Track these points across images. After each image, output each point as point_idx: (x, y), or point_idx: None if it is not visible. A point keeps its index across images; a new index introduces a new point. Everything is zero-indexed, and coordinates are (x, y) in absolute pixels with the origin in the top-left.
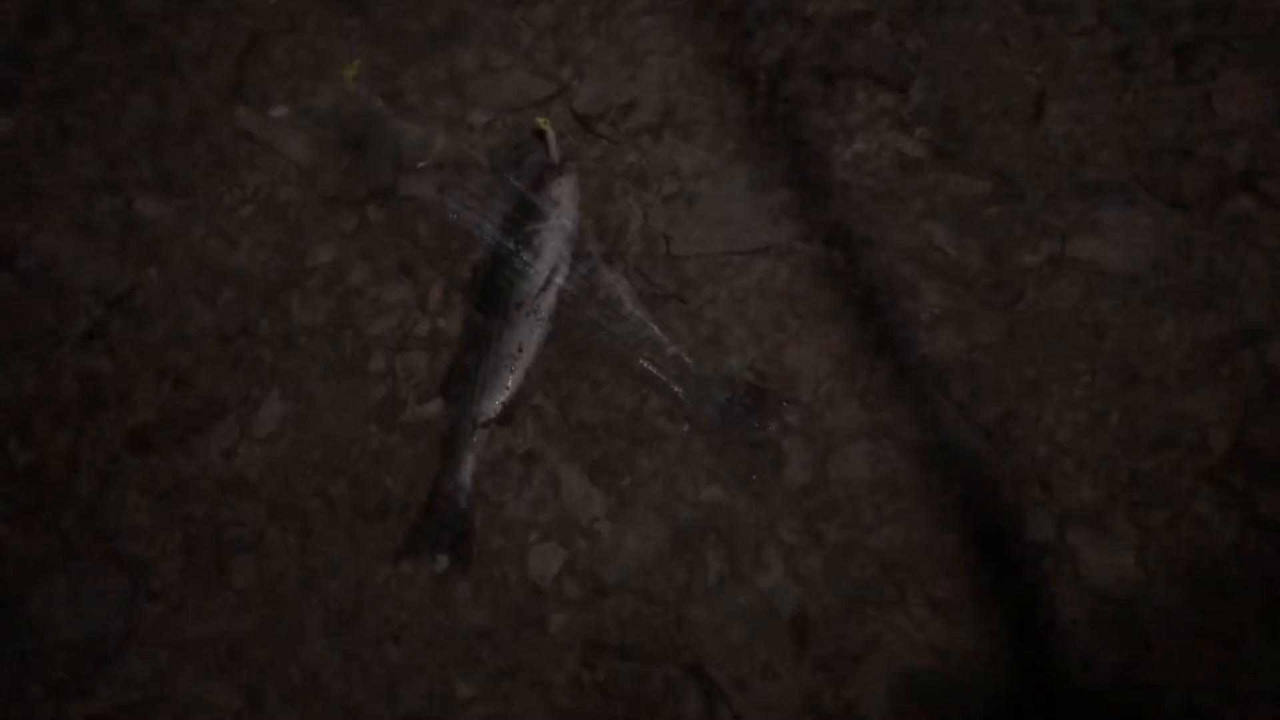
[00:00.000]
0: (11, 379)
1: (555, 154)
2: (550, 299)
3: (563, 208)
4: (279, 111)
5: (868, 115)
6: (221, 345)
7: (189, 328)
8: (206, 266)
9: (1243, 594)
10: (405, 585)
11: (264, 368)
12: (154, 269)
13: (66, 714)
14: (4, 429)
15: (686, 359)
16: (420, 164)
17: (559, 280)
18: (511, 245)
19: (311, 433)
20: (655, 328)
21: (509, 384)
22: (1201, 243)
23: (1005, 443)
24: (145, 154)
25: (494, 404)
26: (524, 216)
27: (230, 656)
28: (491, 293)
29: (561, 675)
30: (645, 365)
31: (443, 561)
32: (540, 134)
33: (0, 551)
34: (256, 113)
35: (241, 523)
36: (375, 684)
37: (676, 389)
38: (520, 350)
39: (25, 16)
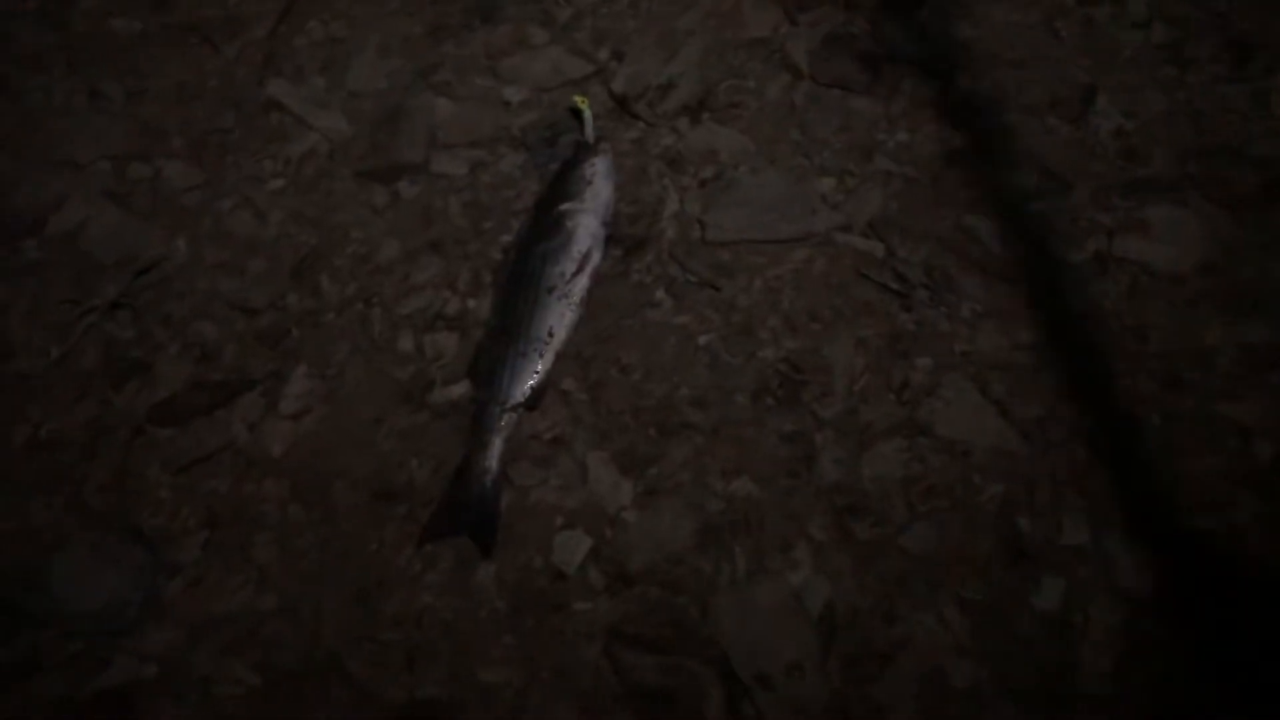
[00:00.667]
0: (36, 347)
1: (591, 133)
2: (583, 283)
3: (596, 189)
4: (312, 83)
5: (912, 104)
6: (248, 319)
7: (216, 300)
8: (235, 238)
9: None
10: (428, 567)
11: (291, 343)
12: (182, 239)
13: (83, 686)
14: (27, 397)
15: None
16: (453, 141)
17: (592, 264)
18: (544, 227)
19: (337, 410)
20: None
21: (538, 368)
22: (1252, 245)
23: (1043, 444)
24: (175, 123)
25: (523, 388)
26: (557, 197)
27: (249, 634)
28: (522, 275)
29: (583, 664)
30: None
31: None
32: (577, 112)
33: (21, 521)
34: (289, 84)
35: (264, 499)
36: (395, 667)
37: None
38: (550, 334)
39: None
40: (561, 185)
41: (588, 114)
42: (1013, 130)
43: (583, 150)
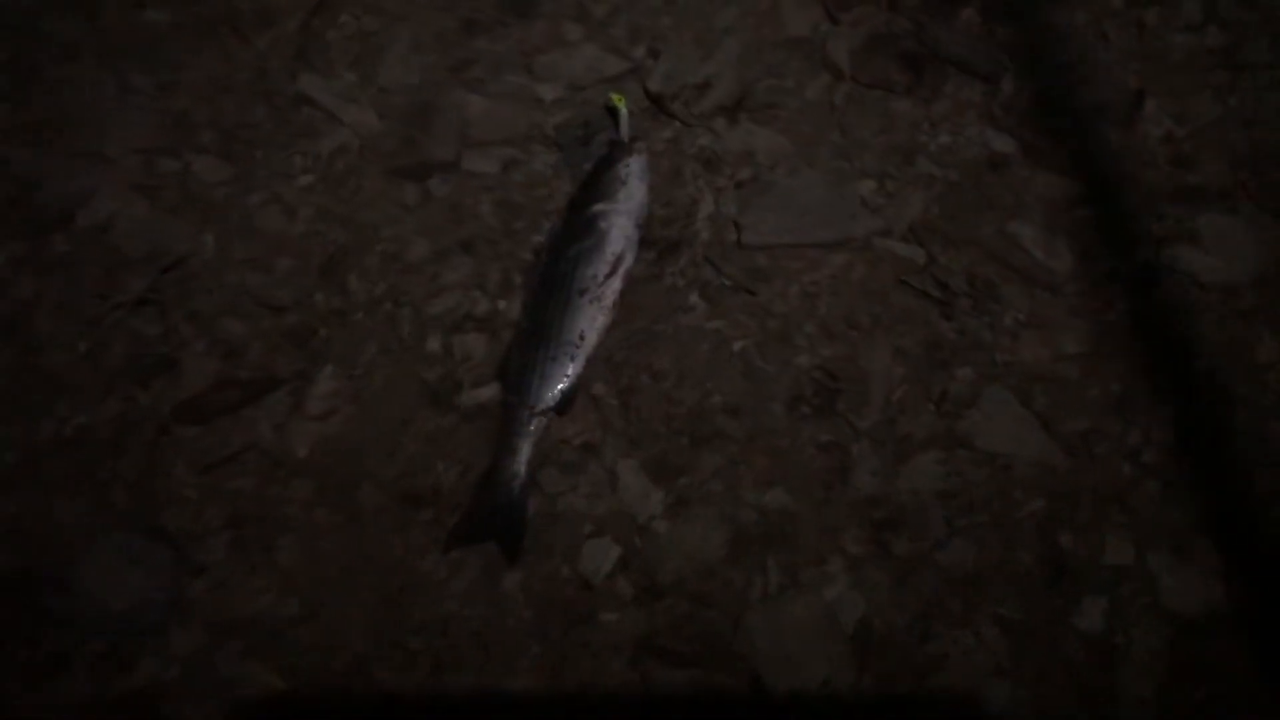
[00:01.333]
0: (64, 342)
1: (626, 131)
2: (615, 285)
3: (630, 190)
4: (344, 78)
5: (955, 106)
6: (276, 317)
7: (243, 297)
8: (264, 235)
9: None
10: (454, 574)
11: (318, 342)
12: (210, 235)
13: (106, 687)
14: (54, 393)
15: None
16: (485, 139)
17: (625, 266)
18: (576, 227)
19: (364, 412)
20: None
21: (569, 372)
22: None
23: (1087, 459)
24: (205, 116)
25: (552, 392)
26: (590, 197)
27: (273, 637)
28: (554, 276)
29: (610, 676)
30: None
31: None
32: (612, 110)
33: (47, 519)
34: (320, 78)
35: (290, 500)
36: (420, 674)
37: None
38: (582, 338)
39: None
40: (595, 185)
41: (624, 112)
42: (1059, 135)
43: (617, 149)
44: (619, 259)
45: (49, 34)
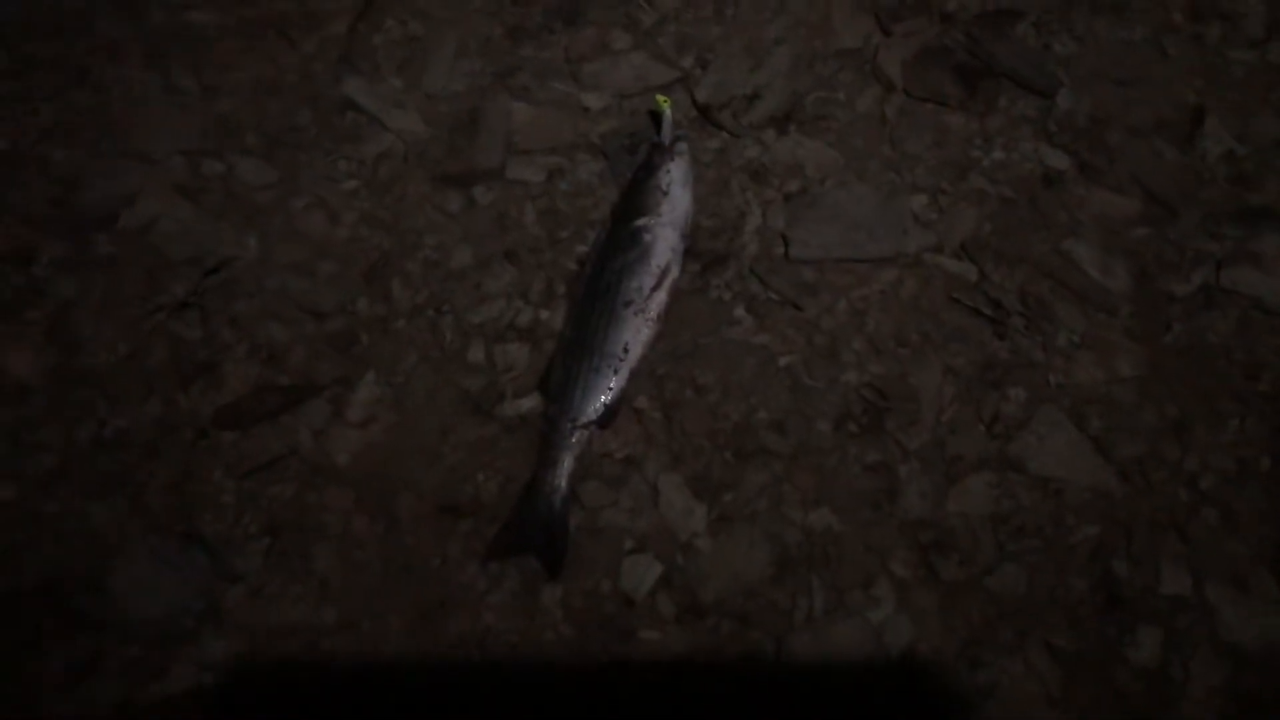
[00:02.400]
0: (105, 343)
1: (669, 134)
2: (660, 298)
3: (674, 200)
4: (389, 83)
5: (1009, 121)
6: (318, 323)
7: (285, 302)
8: (307, 239)
9: None
10: (493, 586)
11: (360, 349)
12: (253, 238)
13: (139, 693)
14: (93, 394)
15: None
16: (531, 147)
17: (670, 278)
18: (621, 239)
19: (405, 420)
20: None
21: (612, 385)
22: None
23: (1143, 485)
24: (251, 119)
25: (595, 405)
26: (634, 209)
27: (309, 647)
28: (598, 288)
29: (650, 695)
30: None
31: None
32: (656, 115)
33: (84, 521)
34: (366, 82)
35: (328, 509)
36: (456, 689)
37: None
38: (626, 351)
39: None
40: (637, 195)
41: (668, 114)
42: (1116, 152)
43: (657, 153)
44: (665, 271)
45: (97, 34)
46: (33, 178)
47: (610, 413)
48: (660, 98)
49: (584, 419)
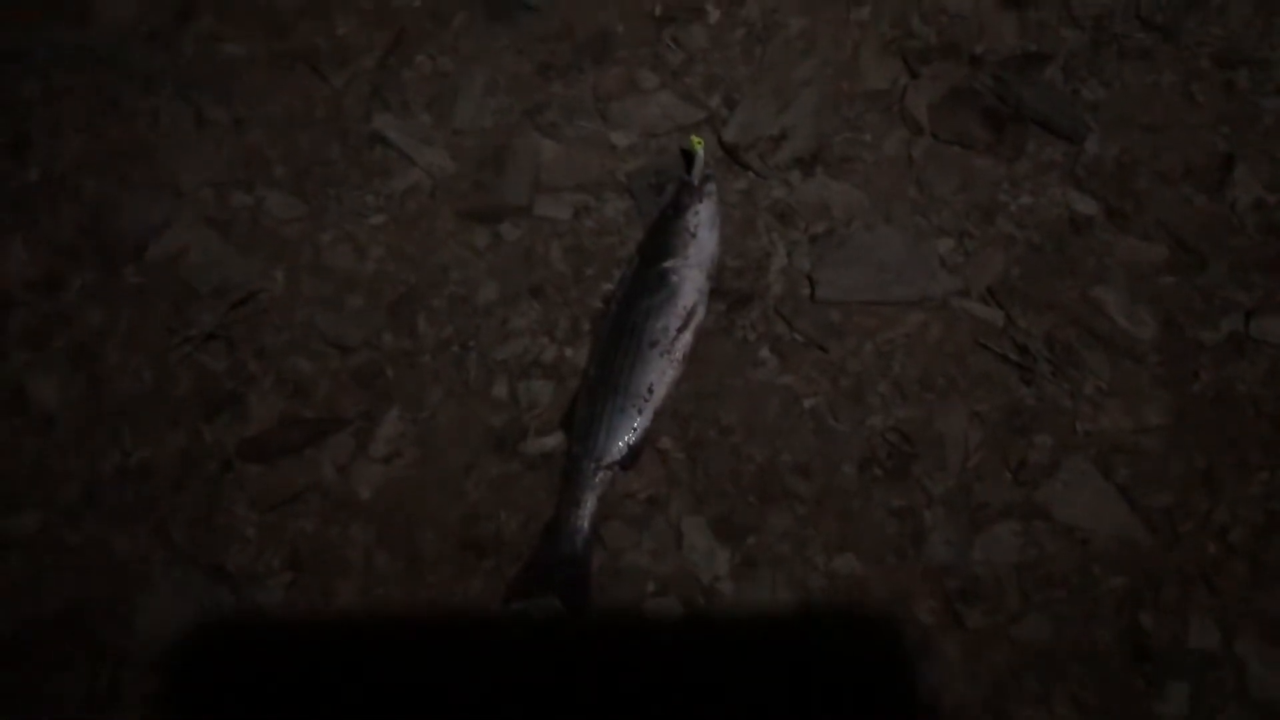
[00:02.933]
0: (131, 373)
1: (699, 174)
2: (686, 339)
3: (701, 242)
4: (419, 118)
5: (1037, 166)
6: (343, 356)
7: (312, 335)
8: (334, 273)
9: None
10: (513, 626)
11: (385, 383)
12: (280, 271)
13: None
14: (120, 422)
15: None
16: (558, 184)
17: (696, 319)
18: (647, 280)
19: (428, 455)
20: None
21: (635, 425)
22: None
23: (1171, 536)
24: (280, 152)
25: (618, 445)
26: (664, 250)
27: None
28: (624, 327)
29: None
30: None
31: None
32: (688, 155)
33: (106, 552)
34: (395, 118)
35: (350, 543)
36: None
37: None
38: (650, 391)
39: (175, 1)
40: (665, 236)
41: (700, 154)
42: (1145, 198)
43: (685, 193)
44: (691, 313)
45: (129, 65)
46: (63, 206)
47: (634, 454)
48: (694, 138)
49: (608, 459)
